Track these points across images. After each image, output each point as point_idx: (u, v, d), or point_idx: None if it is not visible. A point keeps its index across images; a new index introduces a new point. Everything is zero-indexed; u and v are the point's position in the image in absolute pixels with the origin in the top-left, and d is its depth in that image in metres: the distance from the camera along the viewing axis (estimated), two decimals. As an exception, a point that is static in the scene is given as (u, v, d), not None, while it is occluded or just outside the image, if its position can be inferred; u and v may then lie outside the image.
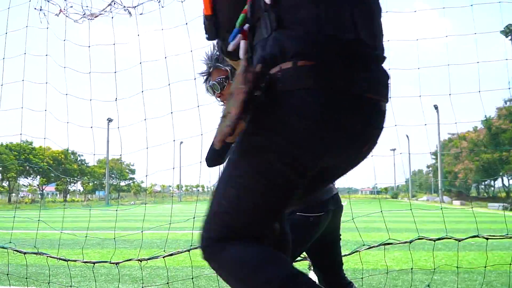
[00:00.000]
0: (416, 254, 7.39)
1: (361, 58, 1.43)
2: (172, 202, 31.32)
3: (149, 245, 9.15)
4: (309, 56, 1.38)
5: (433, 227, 12.24)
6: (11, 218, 9.40)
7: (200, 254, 1.48)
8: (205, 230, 1.49)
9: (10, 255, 6.48)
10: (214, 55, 2.66)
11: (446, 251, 7.81)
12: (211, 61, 2.67)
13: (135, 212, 22.48)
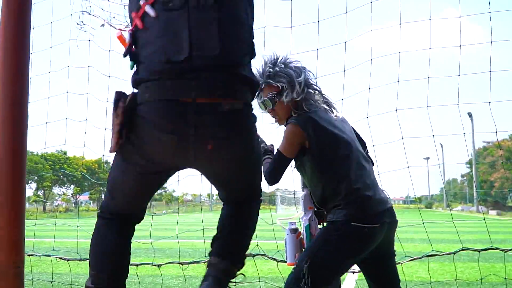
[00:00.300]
0: (458, 265, 7.21)
1: (191, 71, 1.82)
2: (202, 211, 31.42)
3: (181, 253, 9.16)
4: (151, 79, 1.87)
5: (472, 237, 11.98)
6: (47, 226, 9.46)
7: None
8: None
9: (54, 263, 6.58)
10: (266, 71, 2.71)
11: (491, 262, 7.61)
12: (262, 77, 2.72)
13: (166, 221, 22.63)
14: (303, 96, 2.69)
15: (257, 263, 6.44)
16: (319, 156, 2.59)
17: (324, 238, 2.54)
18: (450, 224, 17.51)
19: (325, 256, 2.47)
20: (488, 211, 42.15)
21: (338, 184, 2.55)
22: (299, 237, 2.81)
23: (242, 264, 2.28)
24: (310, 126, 2.59)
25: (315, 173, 2.63)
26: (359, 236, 2.48)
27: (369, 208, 2.52)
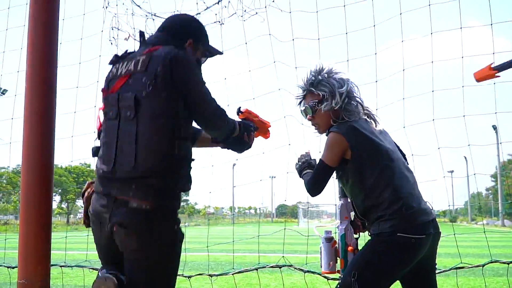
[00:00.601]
0: (487, 280, 7.08)
1: (113, 180, 2.16)
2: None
3: (203, 266, 9.16)
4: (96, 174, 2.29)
5: (498, 251, 11.76)
6: (72, 238, 9.55)
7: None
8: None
9: (86, 274, 6.63)
10: (310, 79, 2.77)
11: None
12: (306, 85, 2.79)
13: (190, 234, 22.65)
14: (342, 106, 2.72)
15: (283, 275, 6.40)
16: (361, 165, 2.59)
17: (371, 250, 2.53)
18: (476, 238, 17.25)
19: (372, 268, 2.47)
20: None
21: (380, 193, 2.54)
22: (334, 246, 2.82)
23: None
24: (352, 135, 2.61)
25: (356, 183, 2.62)
26: (406, 247, 2.46)
27: (414, 219, 2.50)
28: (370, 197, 2.58)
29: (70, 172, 53.49)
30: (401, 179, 2.59)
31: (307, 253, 4.95)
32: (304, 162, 2.91)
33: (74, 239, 16.79)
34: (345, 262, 2.76)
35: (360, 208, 2.66)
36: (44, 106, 3.27)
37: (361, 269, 2.47)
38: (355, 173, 2.61)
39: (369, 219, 2.64)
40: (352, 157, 2.60)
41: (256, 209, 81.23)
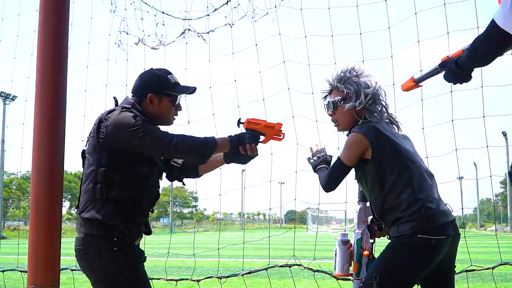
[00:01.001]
0: (498, 285, 7.03)
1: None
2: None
3: (212, 271, 9.14)
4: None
5: (507, 257, 11.65)
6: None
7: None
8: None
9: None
10: (338, 75, 2.81)
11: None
12: (333, 80, 2.83)
13: (198, 239, 22.65)
14: (366, 106, 2.74)
15: (292, 281, 6.38)
16: (380, 165, 2.60)
17: (392, 253, 2.54)
18: (485, 244, 17.13)
19: (393, 271, 2.48)
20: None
21: (399, 194, 2.55)
22: (350, 249, 2.82)
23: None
24: (374, 135, 2.62)
25: (376, 184, 2.63)
26: (427, 249, 2.47)
27: (433, 220, 2.50)
28: (389, 198, 2.59)
29: (80, 178, 53.64)
30: (420, 180, 2.59)
31: (314, 258, 4.92)
32: (319, 157, 2.94)
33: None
34: (359, 266, 2.76)
35: (378, 209, 2.66)
36: (54, 112, 3.28)
37: (382, 272, 2.48)
38: (374, 173, 2.63)
39: (387, 220, 2.64)
40: (372, 157, 2.61)
41: (265, 215, 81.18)
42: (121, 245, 2.51)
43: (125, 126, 2.49)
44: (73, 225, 55.52)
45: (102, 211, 2.49)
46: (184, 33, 4.90)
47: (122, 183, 2.52)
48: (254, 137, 2.70)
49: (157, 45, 4.86)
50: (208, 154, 2.58)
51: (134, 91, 2.74)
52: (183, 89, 2.76)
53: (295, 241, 5.51)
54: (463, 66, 2.17)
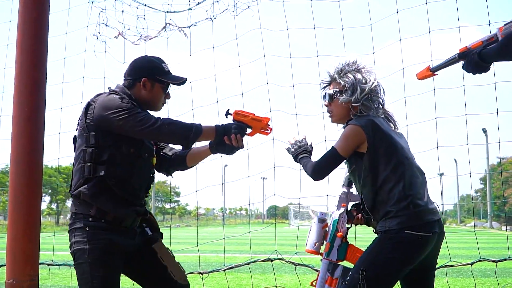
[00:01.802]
0: (476, 281, 7.11)
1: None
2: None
3: (194, 266, 9.12)
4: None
5: (486, 252, 11.81)
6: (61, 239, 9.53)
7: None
8: None
9: (73, 274, 6.58)
10: (338, 68, 2.84)
11: (504, 277, 7.51)
12: (334, 72, 2.86)
13: (179, 235, 22.59)
14: (361, 101, 2.76)
15: (273, 276, 6.38)
16: (375, 159, 2.63)
17: (379, 247, 2.57)
18: (464, 240, 17.34)
19: (380, 265, 2.51)
20: (501, 227, 41.60)
21: (391, 189, 2.58)
22: (325, 228, 2.84)
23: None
24: (371, 128, 2.64)
25: (368, 177, 2.66)
26: (413, 245, 2.51)
27: (421, 217, 2.55)
28: (381, 192, 2.62)
29: (60, 173, 53.10)
30: (412, 177, 2.63)
31: (296, 252, 4.93)
32: (300, 146, 2.93)
33: (64, 239, 16.73)
34: (331, 246, 2.77)
35: (369, 202, 2.69)
36: (33, 105, 3.24)
37: (369, 266, 2.51)
38: (369, 166, 2.65)
39: (376, 215, 2.67)
40: (368, 150, 2.63)
41: (247, 210, 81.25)
42: (94, 227, 2.56)
43: (111, 107, 2.56)
44: (53, 220, 55.04)
45: (87, 188, 2.56)
46: (165, 27, 4.86)
47: (110, 163, 2.58)
48: (241, 128, 2.71)
49: (138, 39, 4.82)
50: (193, 138, 2.60)
51: (128, 74, 2.81)
52: (174, 78, 2.83)
53: (277, 236, 5.52)
54: (487, 59, 2.20)
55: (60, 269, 7.13)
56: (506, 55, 2.15)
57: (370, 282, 2.47)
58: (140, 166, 2.71)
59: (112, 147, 2.60)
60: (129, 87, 2.77)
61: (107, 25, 4.88)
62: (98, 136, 2.58)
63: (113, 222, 2.59)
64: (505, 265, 8.78)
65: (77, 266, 2.56)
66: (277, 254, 4.74)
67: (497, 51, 2.15)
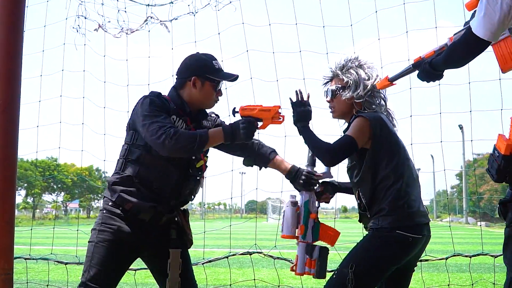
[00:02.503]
0: (451, 276, 7.23)
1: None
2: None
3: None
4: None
5: (462, 248, 11.99)
6: (37, 234, 9.38)
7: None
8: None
9: (51, 268, 6.54)
10: (340, 63, 2.86)
11: (480, 273, 7.63)
12: (336, 68, 2.86)
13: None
14: (364, 99, 2.77)
15: (251, 270, 6.40)
16: (379, 155, 2.64)
17: (369, 244, 2.62)
18: (440, 235, 17.56)
19: (369, 262, 2.56)
20: (476, 222, 42.25)
21: (389, 187, 2.61)
22: (298, 211, 2.80)
23: None
24: (378, 124, 2.66)
25: (368, 174, 2.67)
26: (403, 245, 2.57)
27: (413, 218, 2.60)
28: (379, 188, 2.64)
29: (37, 166, 52.48)
30: (409, 178, 2.67)
31: (275, 245, 4.94)
32: (306, 111, 2.77)
33: (41, 234, 16.54)
34: (305, 228, 2.75)
35: (367, 199, 2.69)
36: (8, 97, 3.19)
37: (359, 262, 2.54)
38: (370, 164, 2.66)
39: (372, 211, 2.68)
40: (371, 147, 2.65)
41: (226, 205, 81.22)
42: (111, 211, 2.66)
43: (139, 112, 2.66)
44: (29, 214, 54.42)
45: (117, 179, 2.69)
46: (147, 20, 4.83)
47: (137, 163, 2.71)
48: (250, 123, 2.66)
49: (119, 32, 4.77)
50: (198, 149, 2.61)
51: (179, 73, 2.86)
52: (225, 76, 2.85)
53: (252, 232, 5.53)
54: (437, 68, 2.31)
55: (37, 263, 7.08)
56: (453, 62, 2.26)
57: (358, 278, 2.50)
58: (167, 170, 2.72)
59: (143, 148, 2.69)
60: (180, 86, 2.82)
61: (87, 18, 4.83)
62: (134, 135, 2.71)
63: (130, 212, 2.65)
64: (480, 261, 8.92)
65: (88, 244, 2.66)
66: (256, 248, 4.75)
67: (445, 59, 2.26)
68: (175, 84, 2.87)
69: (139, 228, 2.67)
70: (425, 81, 2.42)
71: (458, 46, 2.19)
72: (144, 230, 2.69)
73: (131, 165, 2.70)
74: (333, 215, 71.42)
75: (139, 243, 2.70)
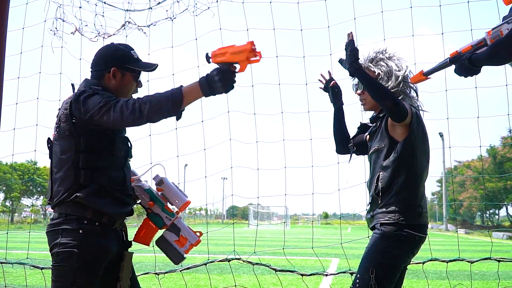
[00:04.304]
0: (430, 282, 7.28)
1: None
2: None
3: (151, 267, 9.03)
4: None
5: (441, 254, 12.09)
6: (15, 238, 9.29)
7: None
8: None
9: (28, 273, 6.45)
10: (370, 56, 2.84)
11: (458, 280, 7.69)
12: (365, 60, 2.84)
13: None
14: (398, 89, 2.77)
15: (232, 276, 6.37)
16: (413, 148, 2.65)
17: (382, 246, 2.62)
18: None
19: (388, 263, 2.59)
20: (456, 229, 42.73)
21: (410, 183, 2.65)
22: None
23: None
24: (416, 117, 2.67)
25: (396, 161, 2.66)
26: (412, 243, 2.63)
27: (422, 219, 2.67)
28: (400, 181, 2.65)
29: (15, 169, 51.90)
30: (424, 180, 2.74)
31: (254, 251, 4.93)
32: (355, 50, 2.73)
33: (17, 238, 16.32)
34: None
35: (385, 183, 2.68)
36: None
37: (377, 265, 2.57)
38: (402, 151, 2.66)
39: (383, 198, 2.68)
40: (408, 135, 2.65)
41: (207, 210, 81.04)
42: (89, 231, 2.38)
43: (95, 106, 2.37)
44: (6, 217, 53.74)
45: (85, 193, 2.39)
46: (125, 25, 4.81)
47: (107, 168, 2.46)
48: (225, 72, 2.28)
49: (95, 36, 4.75)
50: (174, 109, 2.31)
51: (94, 65, 2.65)
52: (145, 66, 2.69)
53: (236, 237, 5.53)
54: (477, 64, 2.29)
55: (14, 268, 6.98)
56: (495, 61, 2.26)
57: (380, 281, 2.54)
58: (127, 167, 2.61)
59: (106, 151, 2.48)
60: (97, 79, 2.61)
61: (65, 21, 4.79)
62: (90, 140, 2.44)
63: (108, 224, 2.45)
64: (458, 268, 9.01)
65: (57, 268, 2.36)
66: (235, 254, 4.73)
67: (486, 56, 2.24)
68: (92, 78, 2.63)
69: (114, 238, 2.52)
70: (462, 76, 2.40)
71: (504, 45, 2.17)
72: (117, 239, 2.55)
73: (99, 174, 2.44)
74: (315, 221, 71.66)
75: (114, 254, 2.52)
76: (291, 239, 22.73)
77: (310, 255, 3.00)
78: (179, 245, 2.68)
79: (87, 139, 2.43)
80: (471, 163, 49.21)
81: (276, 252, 2.57)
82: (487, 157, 44.74)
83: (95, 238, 2.39)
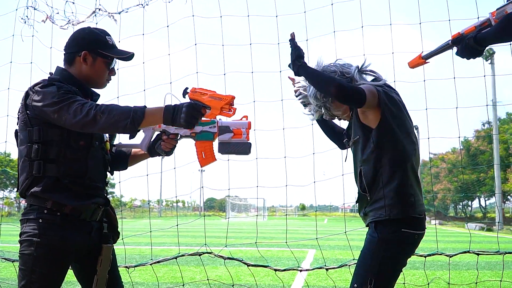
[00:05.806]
0: (405, 272, 7.34)
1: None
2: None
3: (127, 259, 8.97)
4: None
5: (420, 246, 12.23)
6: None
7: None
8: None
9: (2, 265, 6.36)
10: (320, 65, 2.76)
11: (433, 270, 7.78)
12: (301, 100, 2.88)
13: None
14: (357, 81, 2.66)
15: (209, 268, 6.33)
16: (389, 131, 2.51)
17: (379, 252, 2.49)
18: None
19: (387, 271, 2.49)
20: (430, 221, 43.35)
21: (396, 169, 2.50)
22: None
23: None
24: (384, 95, 2.52)
25: (375, 151, 2.52)
26: (411, 244, 2.53)
27: (414, 210, 2.49)
28: (384, 169, 2.52)
29: (-11, 161, 51.06)
30: (416, 162, 2.60)
31: (226, 245, 4.91)
32: (301, 52, 2.67)
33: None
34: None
35: (369, 179, 2.56)
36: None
37: (376, 273, 2.46)
38: (378, 138, 2.52)
39: (371, 193, 2.57)
40: (381, 120, 2.50)
41: (185, 202, 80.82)
42: (48, 221, 2.32)
43: (45, 99, 2.29)
44: (-19, 211, 52.93)
45: (39, 187, 2.33)
46: (95, 12, 4.72)
47: (60, 161, 2.35)
48: (194, 109, 2.26)
49: (66, 24, 4.65)
50: (131, 127, 2.23)
51: (67, 47, 2.54)
52: (119, 52, 2.58)
53: (212, 229, 5.49)
54: (484, 42, 2.19)
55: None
56: (504, 37, 2.16)
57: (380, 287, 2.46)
58: (93, 157, 2.46)
59: (60, 142, 2.35)
60: (69, 62, 2.51)
61: (36, 9, 4.69)
62: (43, 131, 2.33)
63: (70, 215, 2.36)
64: (433, 258, 9.10)
65: (21, 256, 2.32)
66: (206, 247, 4.68)
67: (495, 33, 2.15)
68: (64, 62, 2.54)
69: (81, 229, 2.42)
70: (465, 58, 2.29)
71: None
72: (85, 230, 2.45)
73: (54, 165, 2.35)
74: (291, 212, 71.98)
75: (83, 246, 2.45)
76: (268, 230, 22.76)
77: (287, 246, 3.00)
78: (238, 137, 2.57)
79: (39, 130, 2.34)
80: (445, 156, 49.82)
81: (252, 244, 2.57)
82: (461, 149, 45.38)
83: (55, 228, 2.32)
